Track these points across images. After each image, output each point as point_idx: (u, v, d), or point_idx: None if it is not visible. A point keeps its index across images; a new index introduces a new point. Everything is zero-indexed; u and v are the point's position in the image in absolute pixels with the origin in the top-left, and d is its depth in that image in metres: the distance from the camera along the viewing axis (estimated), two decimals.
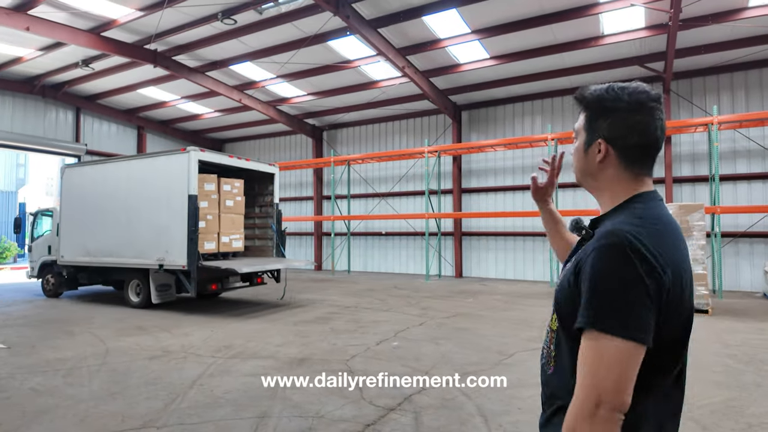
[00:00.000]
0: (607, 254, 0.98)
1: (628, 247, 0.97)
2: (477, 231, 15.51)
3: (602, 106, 1.13)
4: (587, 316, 0.97)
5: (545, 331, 1.26)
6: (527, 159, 14.81)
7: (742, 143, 12.00)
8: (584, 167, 1.19)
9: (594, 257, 1.00)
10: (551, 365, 1.18)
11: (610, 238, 1.00)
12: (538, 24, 10.43)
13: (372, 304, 9.66)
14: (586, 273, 1.01)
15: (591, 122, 1.15)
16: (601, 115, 1.13)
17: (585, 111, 1.17)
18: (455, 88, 14.49)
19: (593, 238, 1.06)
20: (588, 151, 1.17)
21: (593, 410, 0.94)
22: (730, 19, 9.72)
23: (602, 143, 1.13)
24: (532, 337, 6.71)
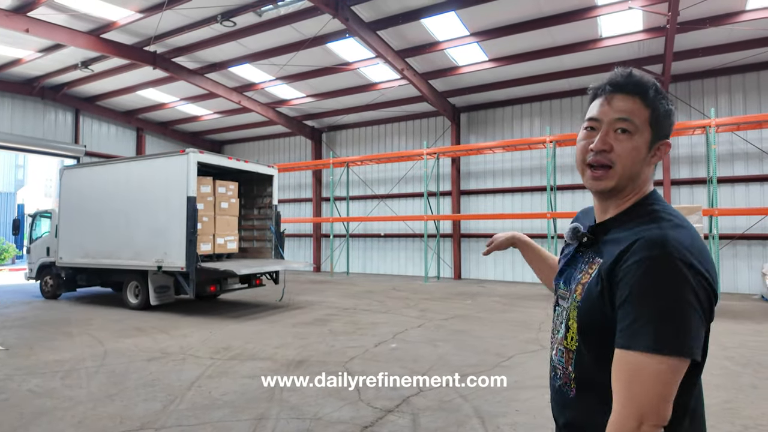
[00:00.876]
0: (657, 268, 0.90)
1: (680, 259, 0.90)
2: (476, 233, 15.53)
3: (669, 105, 1.04)
4: (637, 336, 0.89)
5: (556, 349, 1.15)
6: (526, 161, 14.84)
7: (739, 146, 12.04)
8: (639, 167, 1.05)
9: (641, 271, 0.91)
10: (572, 388, 1.09)
11: (657, 250, 0.91)
12: (536, 26, 10.47)
13: (370, 306, 9.66)
14: (633, 288, 0.92)
15: (659, 120, 1.04)
16: (669, 115, 1.05)
17: (649, 104, 1.03)
18: (454, 91, 14.52)
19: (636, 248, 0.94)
20: (650, 151, 1.05)
21: (636, 429, 0.89)
22: (728, 22, 9.76)
23: (668, 145, 1.06)
24: (531, 339, 6.72)
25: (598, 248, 1.08)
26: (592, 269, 1.05)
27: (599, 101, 1.09)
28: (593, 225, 1.13)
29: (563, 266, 1.19)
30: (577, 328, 1.05)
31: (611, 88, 1.06)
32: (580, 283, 1.07)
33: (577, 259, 1.15)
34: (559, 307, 1.19)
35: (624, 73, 1.06)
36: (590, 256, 1.10)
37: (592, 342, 1.02)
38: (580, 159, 1.11)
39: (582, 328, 1.04)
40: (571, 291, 1.10)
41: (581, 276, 1.08)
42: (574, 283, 1.10)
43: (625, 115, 1.03)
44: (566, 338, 1.09)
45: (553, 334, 1.20)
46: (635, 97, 1.03)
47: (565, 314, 1.12)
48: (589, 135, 1.09)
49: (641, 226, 0.99)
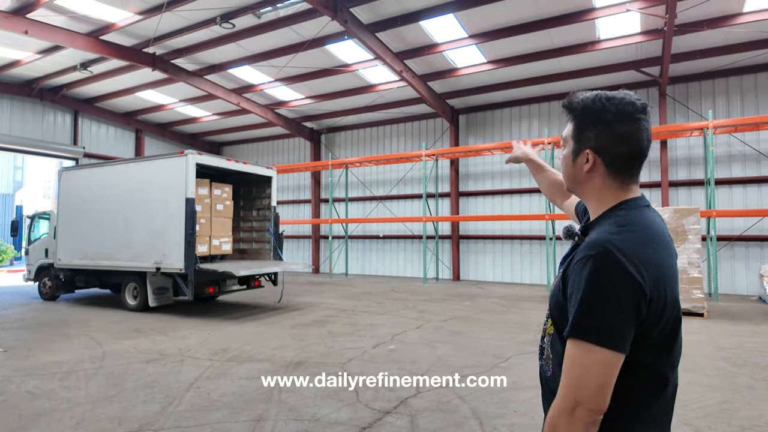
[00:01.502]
0: (588, 266, 1.03)
1: (608, 258, 1.02)
2: (474, 234, 15.55)
3: (590, 117, 1.14)
4: (571, 325, 1.04)
5: (546, 334, 1.29)
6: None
7: (737, 147, 12.08)
8: (572, 175, 1.22)
9: (577, 269, 1.07)
10: (550, 367, 1.23)
11: (591, 250, 1.05)
12: (535, 29, 10.51)
13: (369, 308, 9.67)
14: (571, 283, 1.08)
15: (579, 132, 1.17)
16: (589, 126, 1.15)
17: (573, 120, 1.19)
18: (453, 92, 14.56)
19: (579, 249, 1.11)
20: (576, 160, 1.19)
21: (572, 410, 1.02)
22: (725, 24, 9.81)
23: (590, 154, 1.15)
24: (529, 340, 6.73)
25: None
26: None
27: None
28: (583, 226, 1.25)
29: (563, 259, 1.29)
30: (548, 314, 1.24)
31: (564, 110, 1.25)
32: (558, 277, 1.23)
33: (570, 255, 1.26)
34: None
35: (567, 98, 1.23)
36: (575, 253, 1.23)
37: (557, 327, 1.18)
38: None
39: (551, 314, 1.21)
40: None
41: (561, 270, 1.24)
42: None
43: (563, 133, 1.26)
44: (547, 322, 1.26)
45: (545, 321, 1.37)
46: (569, 115, 1.22)
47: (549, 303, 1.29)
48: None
49: (597, 229, 1.14)
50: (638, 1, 9.31)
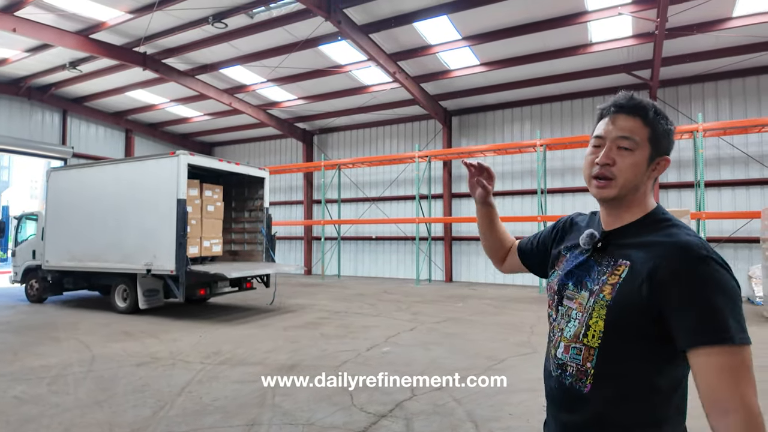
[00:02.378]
0: (709, 268, 1.02)
1: (717, 259, 1.04)
2: (467, 236, 15.58)
3: (664, 124, 1.16)
4: (720, 331, 0.97)
5: (565, 347, 1.20)
6: (516, 165, 14.93)
7: (726, 150, 12.23)
8: (638, 180, 1.17)
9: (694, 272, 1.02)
10: (587, 384, 1.14)
11: (698, 251, 1.04)
12: (527, 31, 10.55)
13: (362, 309, 9.63)
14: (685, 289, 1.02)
15: (656, 137, 1.16)
16: (669, 134, 1.18)
17: (647, 124, 1.15)
18: (446, 94, 14.58)
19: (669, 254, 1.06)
20: (649, 165, 1.17)
21: (759, 421, 0.95)
22: (715, 29, 9.92)
23: (667, 161, 1.19)
24: (522, 341, 6.75)
25: (620, 252, 1.16)
26: (619, 270, 1.13)
27: (605, 120, 1.20)
28: (605, 232, 1.23)
29: (572, 268, 1.26)
30: (606, 326, 1.11)
31: (615, 108, 1.18)
32: (608, 284, 1.14)
33: (590, 263, 1.22)
34: (563, 307, 1.25)
35: (626, 95, 1.18)
36: (610, 259, 1.18)
37: (619, 339, 1.10)
38: (587, 172, 1.22)
39: (612, 325, 1.11)
40: (593, 291, 1.16)
41: (606, 277, 1.15)
42: (595, 284, 1.17)
43: (626, 134, 1.15)
44: (586, 336, 1.15)
45: (554, 333, 1.27)
46: (636, 117, 1.15)
47: (582, 315, 1.18)
48: (595, 151, 1.21)
49: (663, 232, 1.12)
50: (630, 5, 9.39)
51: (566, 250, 1.33)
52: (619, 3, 9.42)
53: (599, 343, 1.12)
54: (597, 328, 1.12)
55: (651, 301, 1.04)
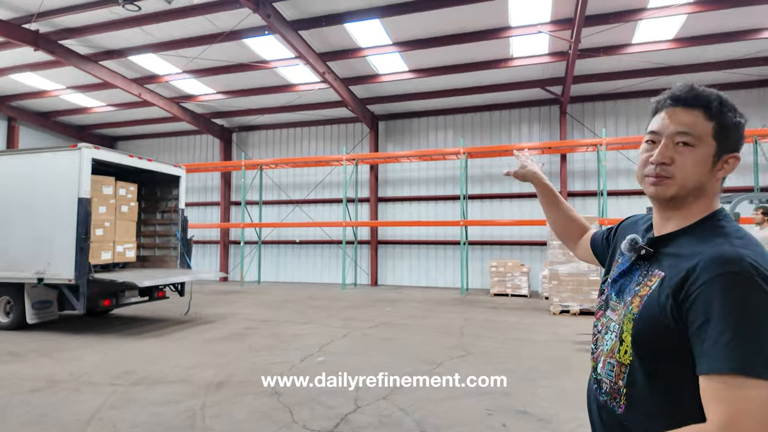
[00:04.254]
0: (738, 285, 0.87)
1: (759, 276, 0.87)
2: (392, 239, 15.69)
3: (732, 117, 1.02)
4: (727, 358, 0.84)
5: (604, 362, 1.11)
6: (440, 171, 15.36)
7: (624, 163, 13.60)
8: (699, 180, 1.02)
9: (720, 288, 0.88)
10: (621, 404, 1.06)
11: (731, 266, 0.89)
12: (455, 42, 10.88)
13: (290, 317, 9.22)
14: (715, 307, 0.87)
15: (723, 132, 1.01)
16: (737, 127, 1.03)
17: (712, 117, 1.01)
18: (374, 98, 14.60)
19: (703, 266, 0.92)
20: (716, 164, 1.03)
21: None
22: (618, 52, 11.00)
23: (737, 158, 1.03)
24: (454, 344, 6.85)
25: (660, 261, 1.05)
26: (651, 282, 1.03)
27: (660, 115, 1.08)
28: (654, 237, 1.11)
29: (617, 276, 1.16)
30: (632, 342, 1.02)
31: (672, 101, 1.06)
32: (638, 296, 1.04)
33: (634, 271, 1.12)
34: (606, 318, 1.15)
35: (685, 86, 1.05)
36: (648, 268, 1.07)
37: (646, 357, 1.00)
38: (640, 172, 1.10)
39: (638, 342, 1.01)
40: (626, 303, 1.07)
41: (639, 288, 1.05)
42: (630, 294, 1.07)
43: (686, 128, 1.02)
44: (620, 351, 1.06)
45: (597, 345, 1.17)
46: (697, 110, 1.02)
47: (618, 326, 1.08)
48: (650, 148, 1.08)
49: (709, 242, 0.97)
50: (549, 24, 10.07)
51: (620, 254, 1.20)
52: (538, 22, 10.05)
53: (630, 360, 1.03)
54: (628, 343, 1.03)
55: (674, 318, 0.94)
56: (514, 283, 12.63)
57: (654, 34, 10.41)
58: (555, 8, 9.52)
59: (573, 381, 5.00)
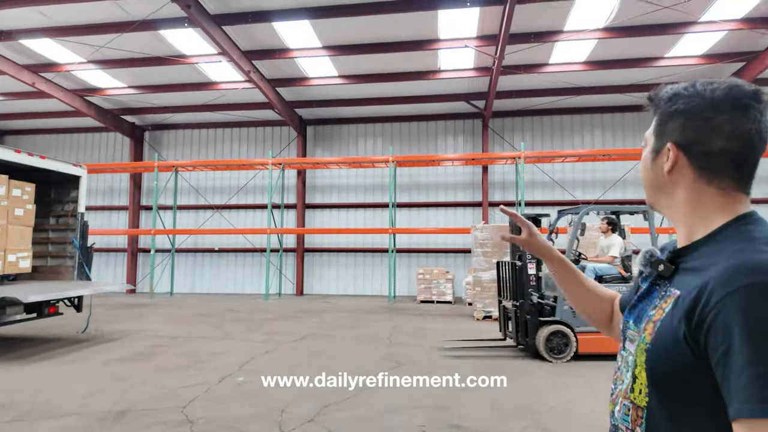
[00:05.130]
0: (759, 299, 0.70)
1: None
2: (320, 247, 15.30)
3: (676, 104, 0.89)
4: (758, 399, 0.66)
5: (620, 405, 0.93)
6: (369, 178, 15.28)
7: (539, 175, 14.43)
8: (653, 181, 0.94)
9: (738, 306, 0.70)
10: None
11: (752, 277, 0.71)
12: (386, 50, 10.88)
13: (206, 332, 8.51)
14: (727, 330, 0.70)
15: (661, 124, 0.91)
16: (675, 115, 0.89)
17: (655, 113, 0.94)
18: (302, 102, 14.19)
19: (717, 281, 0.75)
20: (656, 160, 0.92)
21: None
22: (537, 71, 11.65)
23: (672, 148, 0.88)
24: (385, 354, 6.68)
25: (678, 278, 0.88)
26: (666, 303, 0.86)
27: None
28: (673, 250, 0.94)
29: (636, 301, 0.98)
30: (648, 378, 0.84)
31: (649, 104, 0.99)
32: (651, 321, 0.87)
33: (653, 292, 0.94)
34: (625, 352, 0.96)
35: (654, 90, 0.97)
36: (667, 287, 0.89)
37: (665, 397, 0.82)
38: None
39: (654, 377, 0.84)
40: (640, 331, 0.90)
41: (654, 312, 0.88)
42: (645, 321, 0.90)
43: (645, 134, 0.99)
44: (633, 390, 0.88)
45: (615, 384, 0.98)
46: (653, 109, 0.96)
47: (631, 360, 0.90)
48: None
49: (729, 249, 0.80)
50: (475, 39, 10.40)
51: (642, 281, 1.00)
52: (466, 36, 10.35)
53: (647, 401, 0.85)
54: (642, 380, 0.86)
55: (691, 348, 0.76)
56: (440, 290, 12.83)
57: (569, 55, 11.17)
58: (482, 24, 9.85)
59: (502, 389, 5.03)
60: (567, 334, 6.32)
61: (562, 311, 6.37)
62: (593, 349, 6.32)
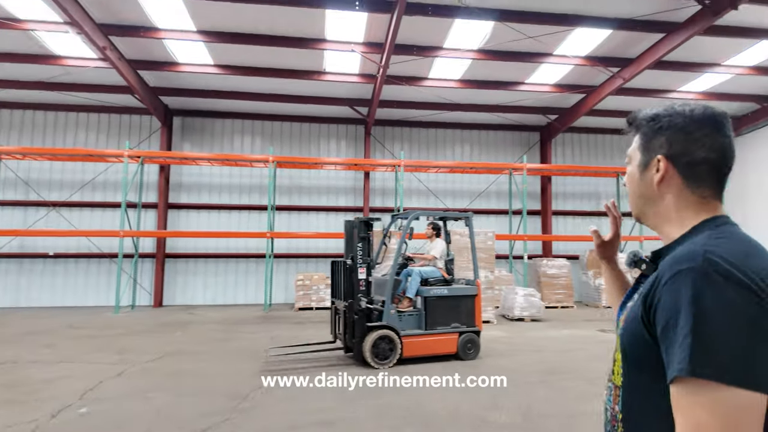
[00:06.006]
0: (690, 280, 0.81)
1: (717, 269, 0.80)
2: (185, 252, 13.82)
3: (660, 123, 1.02)
4: (684, 361, 0.77)
5: (607, 388, 1.06)
6: (245, 178, 14.33)
7: (415, 183, 15.05)
8: (642, 193, 1.05)
9: (672, 287, 0.83)
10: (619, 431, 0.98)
11: (688, 262, 0.84)
12: (269, 43, 10.26)
13: (39, 355, 6.97)
14: (665, 308, 0.84)
15: (647, 141, 1.04)
16: (660, 132, 1.02)
17: (639, 131, 1.06)
18: (170, 89, 12.73)
19: (665, 267, 0.88)
20: (645, 173, 1.04)
21: None
22: (417, 84, 12.12)
23: (661, 160, 1.00)
24: (262, 369, 6.14)
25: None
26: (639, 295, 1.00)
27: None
28: (655, 251, 1.06)
29: (625, 298, 1.09)
30: (622, 359, 0.99)
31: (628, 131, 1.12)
32: (627, 311, 1.00)
33: (637, 287, 1.07)
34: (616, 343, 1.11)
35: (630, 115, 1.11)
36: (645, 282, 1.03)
37: (634, 375, 0.96)
38: None
39: (626, 357, 0.97)
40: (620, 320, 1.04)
41: (631, 303, 1.01)
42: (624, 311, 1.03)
43: (628, 151, 1.11)
44: (614, 372, 1.03)
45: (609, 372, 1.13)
46: (633, 131, 1.10)
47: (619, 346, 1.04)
48: None
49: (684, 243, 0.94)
50: (362, 45, 10.41)
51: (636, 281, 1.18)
52: (353, 40, 10.30)
53: (621, 380, 0.99)
54: (618, 363, 1.00)
55: (647, 327, 0.89)
56: (319, 296, 12.51)
57: (446, 72, 11.84)
58: (369, 31, 9.89)
59: (385, 398, 4.95)
60: (393, 338, 6.24)
61: (390, 316, 6.32)
62: (417, 352, 6.38)
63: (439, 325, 6.57)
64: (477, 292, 6.88)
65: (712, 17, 8.81)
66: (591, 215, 15.87)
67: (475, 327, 6.74)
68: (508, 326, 10.10)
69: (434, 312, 6.57)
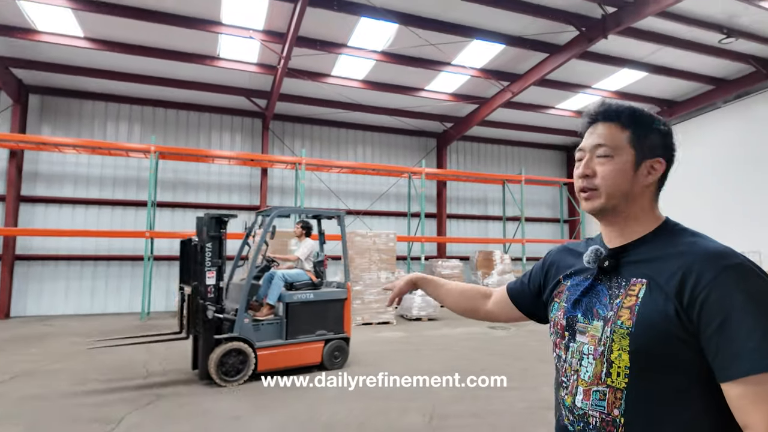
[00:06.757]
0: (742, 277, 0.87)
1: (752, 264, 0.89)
2: (41, 254, 11.78)
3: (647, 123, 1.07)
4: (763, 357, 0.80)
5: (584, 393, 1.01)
6: (120, 170, 12.68)
7: (317, 183, 14.67)
8: (628, 189, 1.05)
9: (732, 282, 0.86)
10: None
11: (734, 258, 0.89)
12: (152, 19, 9.12)
13: None
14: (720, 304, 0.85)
15: (639, 139, 1.06)
16: (654, 133, 1.06)
17: (626, 126, 1.07)
18: (25, 61, 10.73)
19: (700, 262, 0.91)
20: (637, 171, 1.06)
21: None
22: (320, 80, 11.79)
23: (661, 163, 1.06)
24: (139, 385, 5.37)
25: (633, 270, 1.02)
26: (635, 291, 0.99)
27: (586, 134, 1.13)
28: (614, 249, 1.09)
29: (578, 296, 1.10)
30: (632, 360, 0.94)
31: (590, 119, 1.12)
32: (624, 308, 0.98)
33: (599, 287, 1.07)
34: (575, 344, 1.07)
35: (598, 104, 1.12)
36: (617, 279, 1.04)
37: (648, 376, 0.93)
38: (576, 188, 1.13)
39: (641, 358, 0.94)
40: (608, 320, 1.00)
41: (622, 300, 0.99)
42: (611, 310, 1.01)
43: (601, 140, 1.08)
44: (610, 375, 0.98)
45: (568, 377, 1.08)
46: (612, 122, 1.08)
47: (597, 349, 1.01)
48: (579, 165, 1.12)
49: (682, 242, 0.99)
50: (261, 33, 9.80)
51: (566, 278, 1.17)
52: (251, 27, 9.65)
53: (627, 382, 0.95)
54: (621, 363, 0.96)
55: (683, 323, 0.90)
56: None
57: (349, 71, 11.70)
58: (269, 19, 9.33)
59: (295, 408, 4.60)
60: (245, 351, 5.52)
61: (243, 325, 5.59)
62: (275, 365, 5.73)
63: (302, 334, 5.97)
64: (346, 296, 6.40)
65: (586, 43, 9.87)
66: (480, 219, 16.94)
67: (343, 333, 6.26)
68: (407, 326, 10.25)
69: (297, 319, 5.96)
